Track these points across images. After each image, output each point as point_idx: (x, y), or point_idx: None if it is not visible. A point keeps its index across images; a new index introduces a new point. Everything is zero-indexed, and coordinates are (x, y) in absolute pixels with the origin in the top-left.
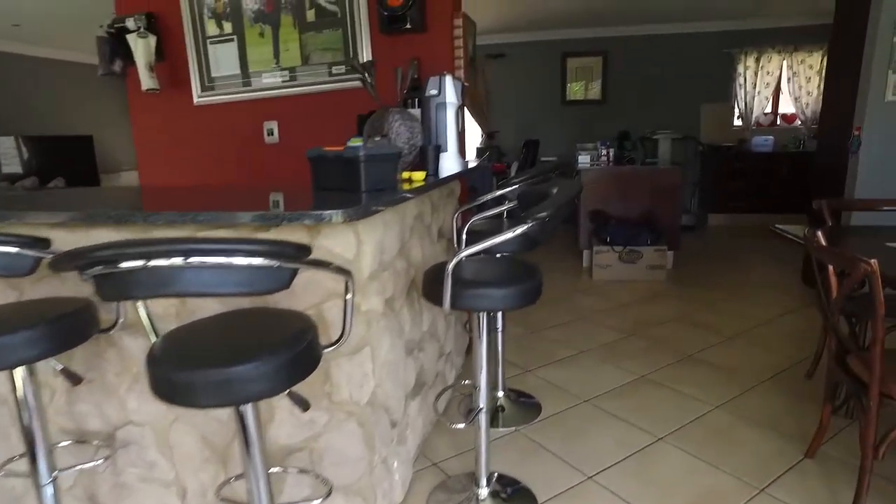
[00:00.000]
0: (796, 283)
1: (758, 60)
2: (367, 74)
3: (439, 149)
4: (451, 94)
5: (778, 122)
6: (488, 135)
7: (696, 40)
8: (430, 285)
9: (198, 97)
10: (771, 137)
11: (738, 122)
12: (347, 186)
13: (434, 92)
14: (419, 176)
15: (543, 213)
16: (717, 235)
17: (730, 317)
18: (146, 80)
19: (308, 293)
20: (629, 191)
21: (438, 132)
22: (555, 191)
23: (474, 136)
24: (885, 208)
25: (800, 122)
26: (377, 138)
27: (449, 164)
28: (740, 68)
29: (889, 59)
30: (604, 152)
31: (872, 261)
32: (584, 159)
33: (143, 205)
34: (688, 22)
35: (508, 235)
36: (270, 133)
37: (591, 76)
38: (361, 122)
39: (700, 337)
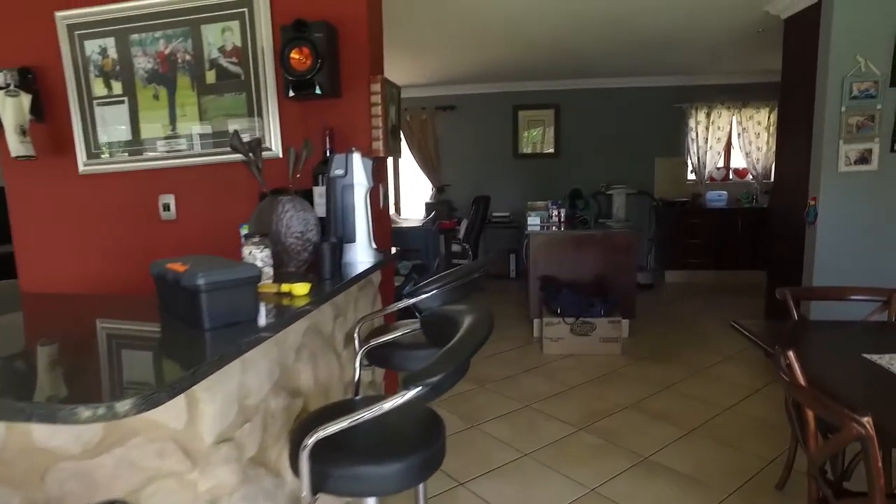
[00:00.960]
0: (758, 355)
1: (708, 115)
2: (251, 154)
3: (341, 244)
4: (359, 174)
5: (730, 177)
6: (438, 189)
7: (648, 94)
8: (292, 455)
9: (83, 165)
10: (724, 192)
11: (691, 177)
12: (190, 319)
13: (339, 172)
14: (301, 290)
15: (434, 379)
16: (676, 294)
17: (690, 402)
18: (15, 146)
19: (120, 478)
20: (582, 255)
21: (345, 220)
22: (465, 323)
23: (424, 190)
24: (855, 297)
25: (751, 177)
26: (255, 239)
27: (359, 257)
28: (692, 123)
29: (839, 130)
30: (555, 212)
31: (866, 420)
32: (533, 221)
33: None
34: (639, 76)
35: (383, 407)
36: (167, 208)
37: (543, 129)
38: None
39: (658, 430)
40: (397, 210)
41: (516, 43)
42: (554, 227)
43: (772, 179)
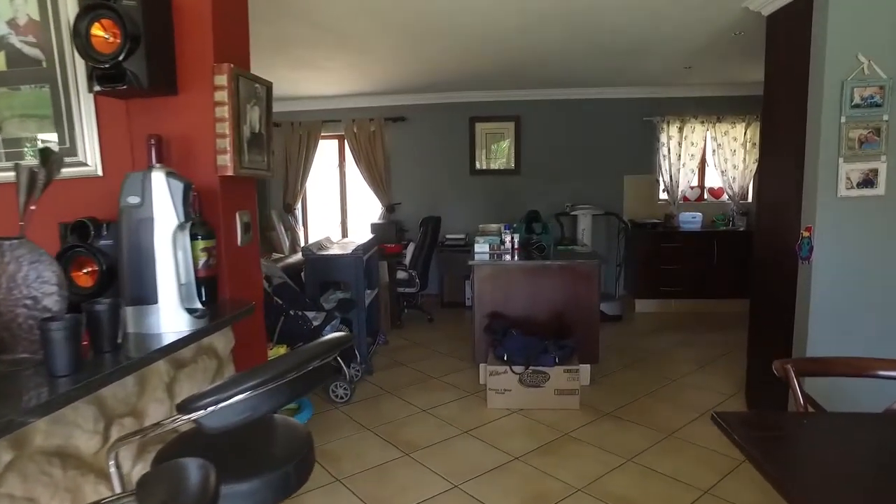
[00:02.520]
0: (738, 406)
1: (681, 130)
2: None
3: (116, 309)
4: (162, 203)
5: (705, 197)
6: (388, 208)
7: (617, 106)
8: None
9: None
10: (699, 214)
11: (663, 196)
12: None
13: (133, 199)
14: None
15: None
16: (647, 326)
17: (659, 482)
18: None
19: None
20: (536, 289)
21: (140, 269)
22: None
23: (373, 209)
24: (882, 373)
25: (727, 197)
26: None
27: (165, 325)
28: (663, 138)
29: (838, 146)
30: (507, 238)
31: None
32: (481, 248)
33: None
34: (606, 87)
35: None
36: None
37: (502, 143)
38: (69, 233)
39: None
40: (344, 233)
41: (464, 46)
42: (506, 256)
43: (749, 200)
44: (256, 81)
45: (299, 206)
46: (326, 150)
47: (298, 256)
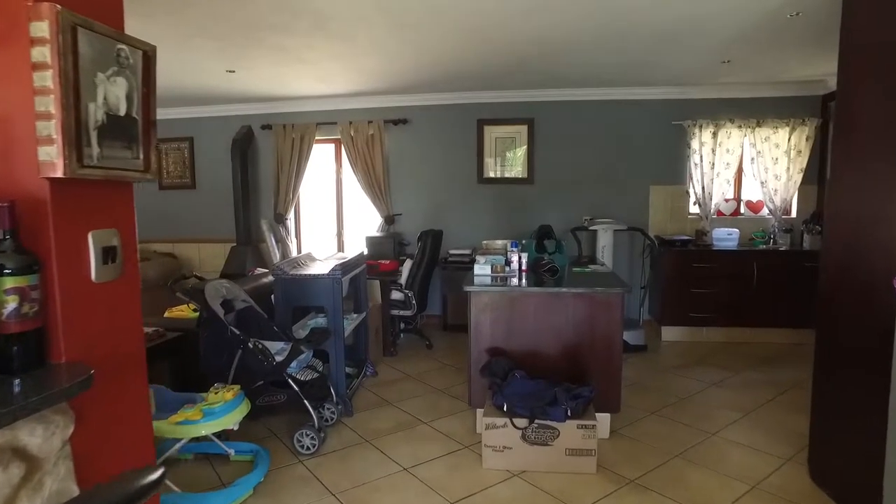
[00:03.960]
0: (798, 477)
1: (715, 135)
2: None
3: None
4: None
5: (742, 211)
6: (386, 219)
7: (643, 109)
8: None
9: None
10: (735, 230)
11: (694, 210)
12: None
13: None
14: None
15: None
16: (676, 359)
17: None
18: None
19: None
20: (545, 322)
21: None
22: None
23: (372, 220)
24: None
25: (768, 212)
26: None
27: None
28: (695, 144)
29: None
30: (514, 258)
31: None
32: (481, 270)
33: None
34: (631, 86)
35: None
36: None
37: (513, 148)
38: None
39: None
40: (339, 247)
41: (461, 31)
42: (512, 279)
43: (794, 214)
44: (120, 40)
45: (292, 215)
46: (321, 156)
47: None
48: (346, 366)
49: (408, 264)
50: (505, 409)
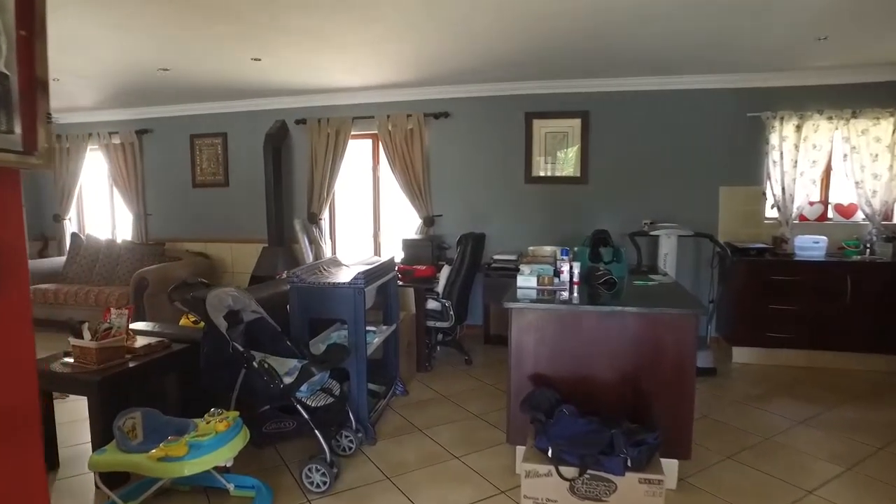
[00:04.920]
0: None
1: (799, 129)
2: None
3: None
4: None
5: (830, 216)
6: (426, 220)
7: (714, 98)
8: None
9: None
10: (823, 238)
11: (772, 214)
12: None
13: None
14: None
15: None
16: (751, 388)
17: None
18: None
19: None
20: (601, 344)
21: None
22: None
23: (412, 221)
24: None
25: (863, 216)
26: None
27: None
28: (775, 139)
29: None
30: (564, 268)
31: None
32: (526, 282)
33: None
34: (701, 74)
35: None
36: None
37: (566, 145)
38: None
39: None
40: (376, 250)
41: (514, 13)
42: (561, 293)
43: (895, 220)
44: None
45: (326, 215)
46: (358, 152)
47: None
48: (372, 383)
49: (445, 270)
50: (550, 454)
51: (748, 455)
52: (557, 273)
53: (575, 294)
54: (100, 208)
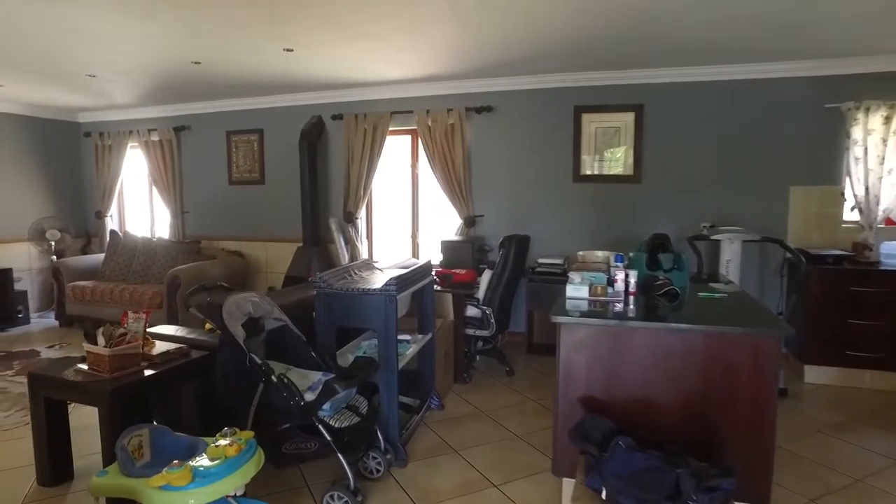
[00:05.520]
0: None
1: (888, 120)
2: None
3: None
4: None
5: None
6: (467, 221)
7: (785, 89)
8: None
9: None
10: None
11: (851, 217)
12: None
13: None
14: None
15: None
16: (830, 414)
17: None
18: None
19: None
20: (663, 368)
21: None
22: None
23: (453, 222)
24: None
25: None
26: None
27: None
28: (857, 132)
29: None
30: (618, 277)
31: None
32: (576, 291)
33: None
34: (771, 62)
35: None
36: None
37: (617, 141)
38: None
39: None
40: (414, 252)
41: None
42: (615, 305)
43: None
44: None
45: (363, 214)
46: (396, 149)
47: None
48: (405, 395)
49: (487, 275)
50: (604, 495)
51: (837, 501)
52: (611, 282)
53: (631, 306)
54: (140, 206)
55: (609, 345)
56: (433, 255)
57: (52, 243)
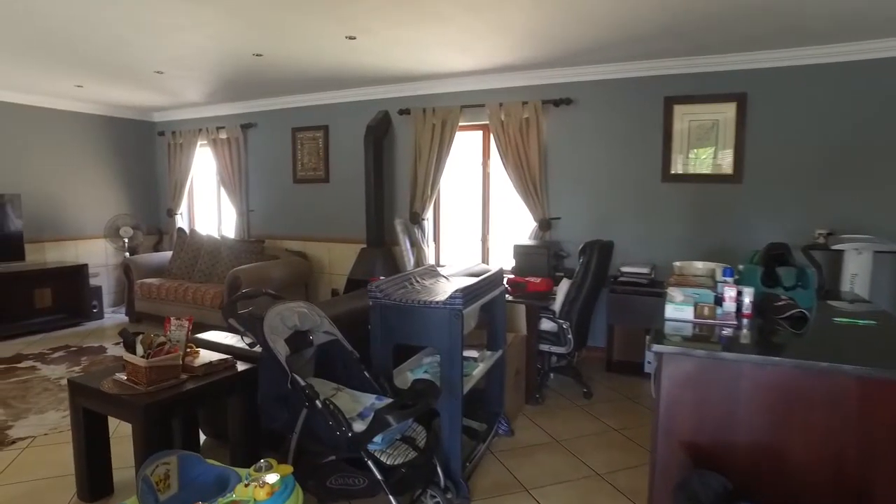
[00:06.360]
0: None
1: None
2: None
3: None
4: None
5: None
6: (542, 223)
7: None
8: None
9: None
10: None
11: None
12: None
13: None
14: None
15: None
16: None
17: None
18: None
19: None
20: (797, 416)
21: None
22: None
23: (524, 226)
24: None
25: None
26: None
27: None
28: None
29: None
30: (729, 295)
31: None
32: (677, 311)
33: None
34: None
35: None
36: None
37: (715, 136)
38: None
39: None
40: (484, 257)
41: None
42: (723, 329)
43: None
44: None
45: (430, 215)
46: (466, 145)
47: None
48: (469, 418)
49: (564, 285)
50: None
51: None
52: (719, 300)
53: (744, 331)
54: (208, 204)
55: (726, 382)
56: (504, 260)
57: (126, 240)
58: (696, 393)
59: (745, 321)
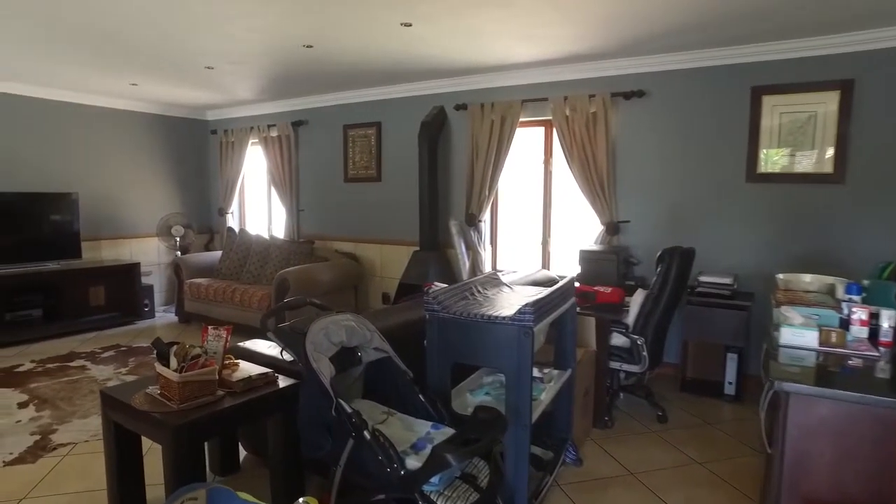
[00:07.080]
0: None
1: None
2: None
3: None
4: None
5: None
6: (609, 227)
7: None
8: None
9: None
10: None
11: None
12: None
13: None
14: None
15: None
16: None
17: None
18: None
19: None
20: None
21: None
22: None
23: (592, 228)
24: None
25: None
26: None
27: None
28: None
29: None
30: (860, 317)
31: None
32: (798, 338)
33: None
34: None
35: None
36: None
37: (812, 130)
38: None
39: None
40: (545, 262)
41: None
42: (860, 360)
43: None
44: None
45: (487, 217)
46: (527, 142)
47: None
48: (534, 444)
49: (639, 296)
50: None
51: None
52: (846, 323)
53: (882, 363)
54: (259, 203)
55: (876, 434)
56: (566, 265)
57: (178, 239)
58: (834, 444)
59: (882, 350)
